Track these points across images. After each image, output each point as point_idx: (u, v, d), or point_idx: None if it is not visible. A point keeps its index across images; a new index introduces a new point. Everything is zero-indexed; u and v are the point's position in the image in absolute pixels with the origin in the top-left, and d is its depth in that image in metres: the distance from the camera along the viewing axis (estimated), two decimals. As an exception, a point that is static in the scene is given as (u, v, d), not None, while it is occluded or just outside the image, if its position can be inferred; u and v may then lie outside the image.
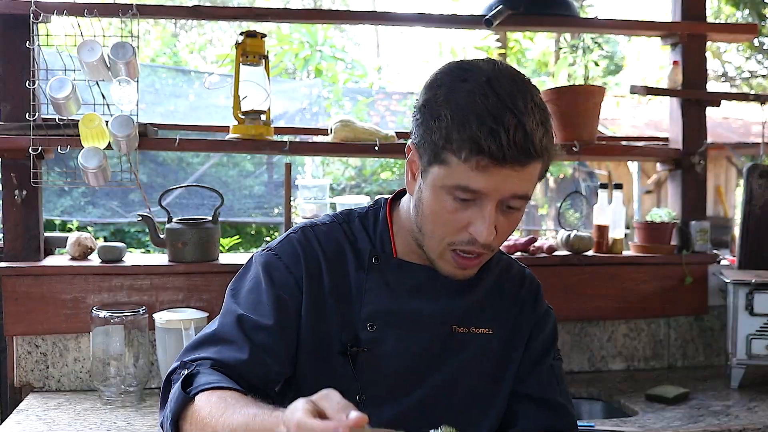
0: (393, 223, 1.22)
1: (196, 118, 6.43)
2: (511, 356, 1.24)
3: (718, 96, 2.65)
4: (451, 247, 1.09)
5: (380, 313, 1.17)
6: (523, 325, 1.26)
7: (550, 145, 1.06)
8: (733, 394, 2.18)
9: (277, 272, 1.17)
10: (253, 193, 7.81)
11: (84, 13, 2.11)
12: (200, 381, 1.04)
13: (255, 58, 2.21)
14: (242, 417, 0.92)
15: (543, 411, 1.23)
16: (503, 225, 1.08)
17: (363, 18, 2.67)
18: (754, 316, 2.20)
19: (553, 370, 1.27)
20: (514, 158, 1.01)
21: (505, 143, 0.99)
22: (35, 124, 2.09)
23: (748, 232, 2.51)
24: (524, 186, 1.05)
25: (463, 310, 1.21)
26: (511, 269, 1.31)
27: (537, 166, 1.06)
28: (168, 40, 11.49)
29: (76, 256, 2.22)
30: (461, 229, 1.07)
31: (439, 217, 1.08)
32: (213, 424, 0.95)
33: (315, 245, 1.19)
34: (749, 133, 8.97)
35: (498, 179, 1.02)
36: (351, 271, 1.19)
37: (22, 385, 2.11)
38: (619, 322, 2.48)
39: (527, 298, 1.29)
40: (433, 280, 1.19)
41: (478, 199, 1.04)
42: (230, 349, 1.10)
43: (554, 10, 2.47)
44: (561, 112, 2.40)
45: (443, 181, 1.05)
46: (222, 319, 1.15)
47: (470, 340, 1.20)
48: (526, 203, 1.09)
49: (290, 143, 2.21)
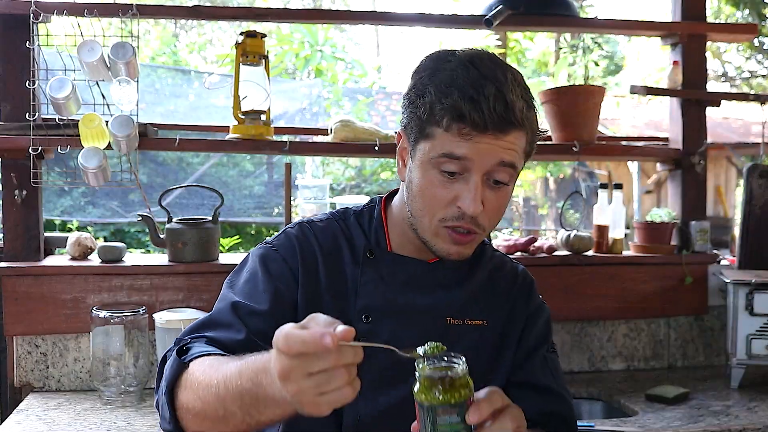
0: (387, 219, 1.24)
1: (196, 118, 6.42)
2: (505, 348, 1.25)
3: (718, 96, 2.65)
4: (443, 224, 1.10)
5: (375, 305, 1.18)
6: (517, 318, 1.27)
7: (532, 118, 1.09)
8: (733, 394, 2.18)
9: (274, 263, 1.18)
10: (253, 193, 7.82)
11: (84, 13, 2.11)
12: (195, 350, 1.05)
13: (255, 58, 2.21)
14: (235, 365, 0.92)
15: (537, 396, 1.23)
16: (491, 201, 1.10)
17: (363, 18, 2.67)
18: (754, 316, 2.20)
19: (546, 362, 1.28)
20: (495, 125, 1.04)
21: (485, 111, 1.03)
22: (35, 124, 2.09)
23: (748, 232, 2.51)
24: (508, 155, 1.07)
25: (457, 303, 1.22)
26: (504, 265, 1.32)
27: (519, 136, 1.08)
28: (168, 40, 11.48)
29: (76, 256, 2.22)
30: (450, 204, 1.09)
31: (427, 193, 1.10)
32: (207, 381, 0.95)
33: (312, 240, 1.21)
34: (749, 133, 8.97)
35: (481, 147, 1.05)
36: (347, 266, 1.20)
37: (22, 385, 2.11)
38: (619, 322, 2.48)
39: (520, 293, 1.29)
40: (427, 274, 1.20)
41: (465, 172, 1.07)
42: (226, 332, 1.10)
43: (554, 10, 2.47)
44: (561, 112, 2.40)
45: (429, 155, 1.08)
46: (217, 306, 1.17)
47: (465, 332, 1.21)
48: (514, 178, 1.11)
49: (290, 143, 2.21)
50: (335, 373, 0.80)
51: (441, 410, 0.86)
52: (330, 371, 0.80)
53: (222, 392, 0.92)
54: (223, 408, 0.92)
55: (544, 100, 2.48)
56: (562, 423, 1.23)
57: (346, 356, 0.80)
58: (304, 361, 0.80)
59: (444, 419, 0.86)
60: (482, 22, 2.36)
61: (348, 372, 0.81)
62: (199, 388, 0.96)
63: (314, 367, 0.79)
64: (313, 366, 0.79)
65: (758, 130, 3.44)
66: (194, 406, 0.97)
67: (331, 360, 0.79)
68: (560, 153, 2.46)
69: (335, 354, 0.79)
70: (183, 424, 1.01)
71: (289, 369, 0.80)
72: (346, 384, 0.81)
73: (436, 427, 0.86)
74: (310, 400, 0.81)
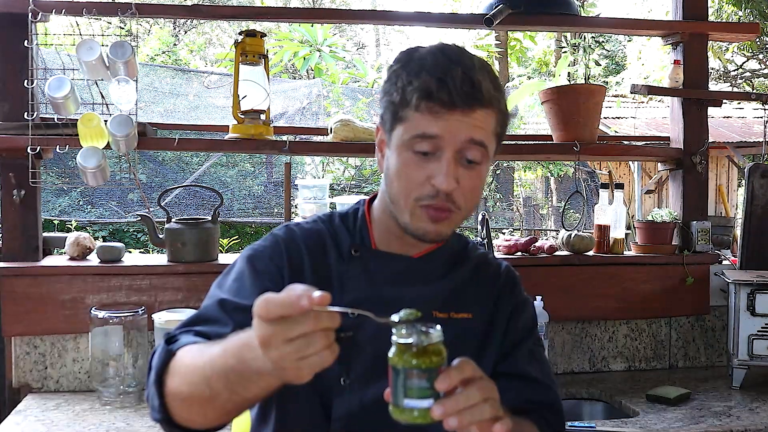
0: (371, 217, 1.27)
1: (196, 117, 6.43)
2: (491, 341, 1.26)
3: (720, 95, 2.64)
4: (419, 203, 1.13)
5: (361, 299, 1.19)
6: (501, 311, 1.28)
7: (500, 100, 1.14)
8: (734, 394, 2.18)
9: (260, 262, 1.21)
10: (253, 193, 7.82)
11: (83, 12, 2.10)
12: (183, 340, 1.07)
13: (254, 58, 2.20)
14: (219, 346, 0.95)
15: (522, 386, 1.24)
16: (465, 179, 1.13)
17: (363, 17, 2.66)
18: (755, 317, 2.19)
19: (532, 353, 1.29)
20: (463, 101, 1.09)
21: (453, 89, 1.08)
22: (34, 123, 2.08)
23: (750, 232, 2.50)
24: (477, 132, 1.11)
25: (442, 296, 1.24)
26: (488, 261, 1.34)
27: (487, 115, 1.12)
28: (167, 40, 11.48)
29: (75, 256, 2.21)
30: (424, 183, 1.12)
31: (403, 174, 1.13)
32: (193, 364, 0.98)
33: (298, 241, 1.24)
34: (751, 132, 8.95)
35: (451, 124, 1.09)
36: (332, 264, 1.23)
37: (20, 386, 2.10)
38: (620, 322, 2.48)
39: (504, 288, 1.31)
40: (412, 268, 1.23)
41: (438, 151, 1.11)
42: (213, 326, 1.12)
43: (554, 9, 2.46)
44: (562, 111, 2.40)
45: (403, 138, 1.12)
46: (205, 303, 1.18)
47: (450, 325, 1.21)
48: (486, 157, 1.14)
49: (290, 143, 2.20)
50: (314, 337, 0.83)
51: (411, 374, 0.89)
52: (309, 335, 0.83)
53: (208, 372, 0.95)
54: (209, 388, 0.95)
55: (544, 99, 2.47)
56: (550, 410, 1.24)
57: (323, 320, 0.83)
58: (283, 327, 0.83)
59: (414, 383, 0.89)
60: (482, 21, 2.35)
61: (326, 336, 0.84)
62: (186, 373, 0.99)
63: (293, 331, 0.82)
64: (292, 331, 0.82)
65: (760, 129, 3.43)
66: (182, 391, 1.00)
67: (309, 324, 0.82)
68: (561, 153, 2.46)
69: (313, 318, 0.82)
70: (172, 412, 1.03)
71: (269, 335, 0.83)
72: (325, 348, 0.84)
73: (406, 390, 0.89)
74: (292, 365, 0.84)
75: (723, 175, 9.64)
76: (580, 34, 9.90)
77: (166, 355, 1.04)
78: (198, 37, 13.53)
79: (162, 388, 1.03)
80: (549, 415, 1.24)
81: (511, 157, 3.47)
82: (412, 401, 0.89)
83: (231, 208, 7.35)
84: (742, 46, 9.81)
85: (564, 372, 2.42)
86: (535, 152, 2.65)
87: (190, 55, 11.98)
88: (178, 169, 7.55)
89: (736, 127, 9.19)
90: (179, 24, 13.26)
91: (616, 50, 13.78)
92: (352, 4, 14.38)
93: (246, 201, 7.67)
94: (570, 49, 8.79)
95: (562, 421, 1.26)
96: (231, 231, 7.70)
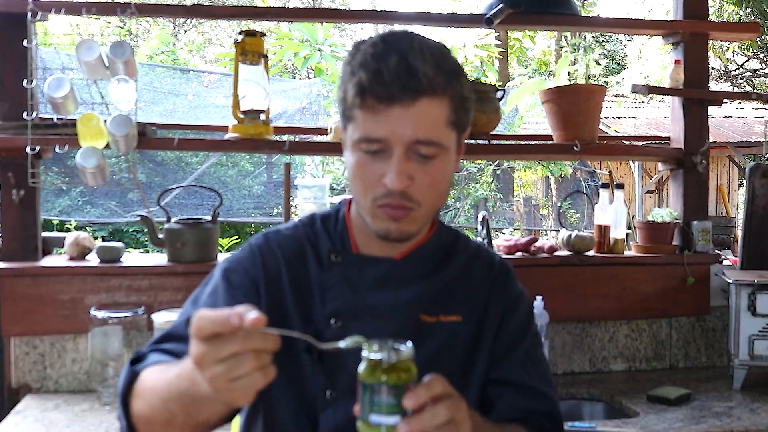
0: (351, 219, 1.21)
1: (195, 117, 6.42)
2: (481, 344, 1.21)
3: (720, 95, 2.64)
4: (377, 203, 1.08)
5: (343, 308, 1.16)
6: (493, 311, 1.22)
7: (451, 83, 1.04)
8: (735, 395, 2.17)
9: (234, 275, 1.18)
10: (253, 193, 7.82)
11: (82, 12, 2.09)
12: (149, 360, 1.06)
13: (254, 57, 2.20)
14: (176, 367, 0.94)
15: (520, 394, 1.20)
16: (421, 175, 1.06)
17: (363, 17, 2.65)
18: (756, 317, 2.19)
19: (529, 355, 1.23)
20: (401, 93, 1.00)
21: (387, 80, 1.00)
22: (33, 123, 2.07)
23: (751, 232, 2.50)
24: (422, 130, 1.03)
25: (429, 298, 1.18)
26: (480, 254, 1.27)
27: (432, 104, 1.03)
28: (167, 39, 11.48)
29: (74, 256, 2.21)
30: (377, 182, 1.06)
31: (358, 175, 1.08)
32: (153, 386, 0.97)
33: (275, 249, 1.20)
34: (751, 132, 8.95)
35: (391, 121, 1.02)
36: (312, 271, 1.18)
37: (19, 386, 2.10)
38: (620, 322, 2.47)
39: (497, 283, 1.25)
40: (395, 270, 1.17)
41: (387, 149, 1.04)
42: (181, 345, 1.09)
43: (555, 8, 2.46)
44: (562, 111, 2.39)
45: (352, 137, 1.07)
46: (176, 320, 1.16)
47: (438, 329, 1.18)
48: (443, 151, 1.07)
49: (290, 143, 2.19)
50: (243, 358, 0.81)
51: (380, 390, 0.89)
52: (239, 356, 0.81)
53: (165, 395, 0.94)
54: (167, 411, 0.94)
55: (544, 99, 2.47)
56: (546, 418, 1.20)
57: (254, 341, 0.82)
58: (214, 346, 0.81)
59: (382, 399, 0.89)
60: (482, 20, 2.35)
61: (256, 357, 0.82)
62: (147, 395, 0.98)
63: (223, 351, 0.81)
64: (222, 350, 0.81)
65: (760, 129, 3.42)
66: (144, 413, 0.99)
67: (238, 344, 0.81)
68: (561, 152, 2.45)
69: (243, 338, 0.81)
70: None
71: (201, 354, 0.82)
72: (256, 369, 0.82)
73: (373, 406, 0.89)
74: (224, 387, 0.82)
75: (724, 174, 9.64)
76: (580, 34, 9.90)
77: (130, 377, 1.03)
78: (197, 37, 13.52)
79: (128, 409, 1.02)
80: (547, 423, 1.20)
81: (511, 157, 3.47)
82: (379, 417, 0.89)
83: (231, 208, 7.35)
84: (743, 46, 9.81)
85: (564, 372, 2.42)
86: (535, 152, 2.64)
87: (190, 55, 11.97)
88: (178, 169, 7.55)
89: (737, 127, 9.18)
90: (179, 23, 13.26)
91: (617, 50, 13.79)
92: (352, 4, 14.38)
93: (246, 201, 7.67)
94: (570, 49, 8.80)
95: (560, 428, 1.22)
96: (231, 231, 7.70)
